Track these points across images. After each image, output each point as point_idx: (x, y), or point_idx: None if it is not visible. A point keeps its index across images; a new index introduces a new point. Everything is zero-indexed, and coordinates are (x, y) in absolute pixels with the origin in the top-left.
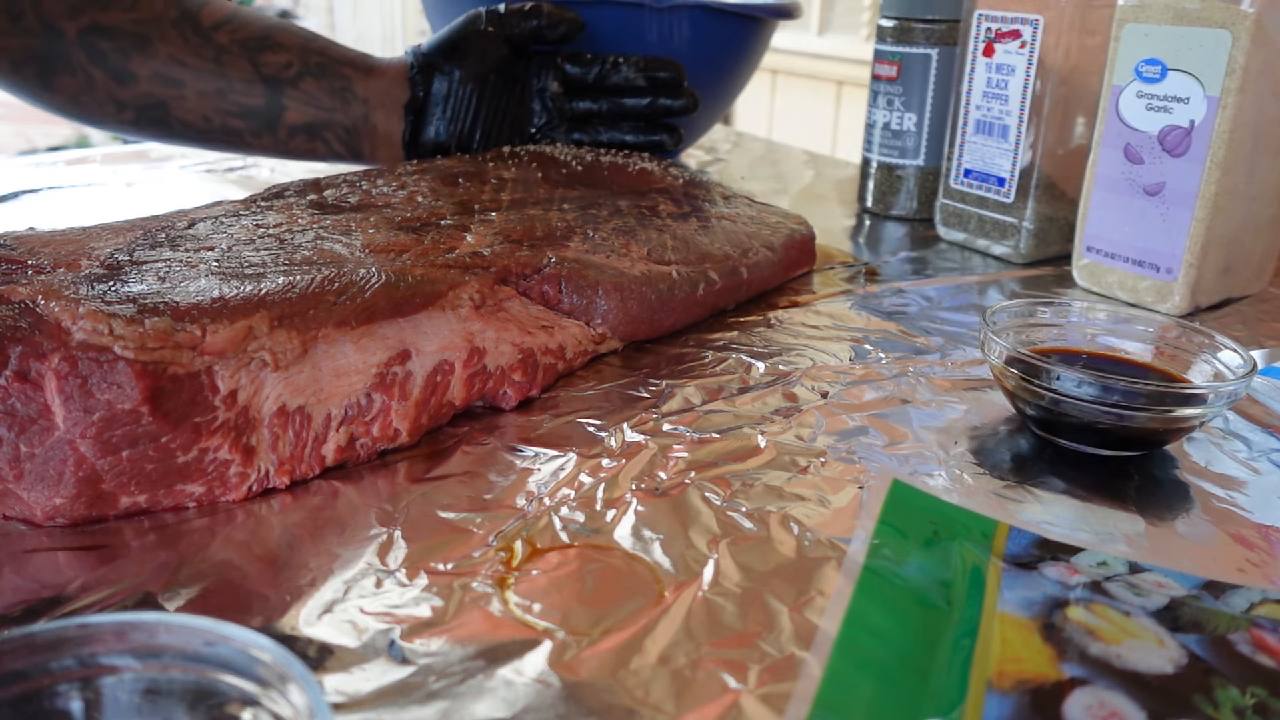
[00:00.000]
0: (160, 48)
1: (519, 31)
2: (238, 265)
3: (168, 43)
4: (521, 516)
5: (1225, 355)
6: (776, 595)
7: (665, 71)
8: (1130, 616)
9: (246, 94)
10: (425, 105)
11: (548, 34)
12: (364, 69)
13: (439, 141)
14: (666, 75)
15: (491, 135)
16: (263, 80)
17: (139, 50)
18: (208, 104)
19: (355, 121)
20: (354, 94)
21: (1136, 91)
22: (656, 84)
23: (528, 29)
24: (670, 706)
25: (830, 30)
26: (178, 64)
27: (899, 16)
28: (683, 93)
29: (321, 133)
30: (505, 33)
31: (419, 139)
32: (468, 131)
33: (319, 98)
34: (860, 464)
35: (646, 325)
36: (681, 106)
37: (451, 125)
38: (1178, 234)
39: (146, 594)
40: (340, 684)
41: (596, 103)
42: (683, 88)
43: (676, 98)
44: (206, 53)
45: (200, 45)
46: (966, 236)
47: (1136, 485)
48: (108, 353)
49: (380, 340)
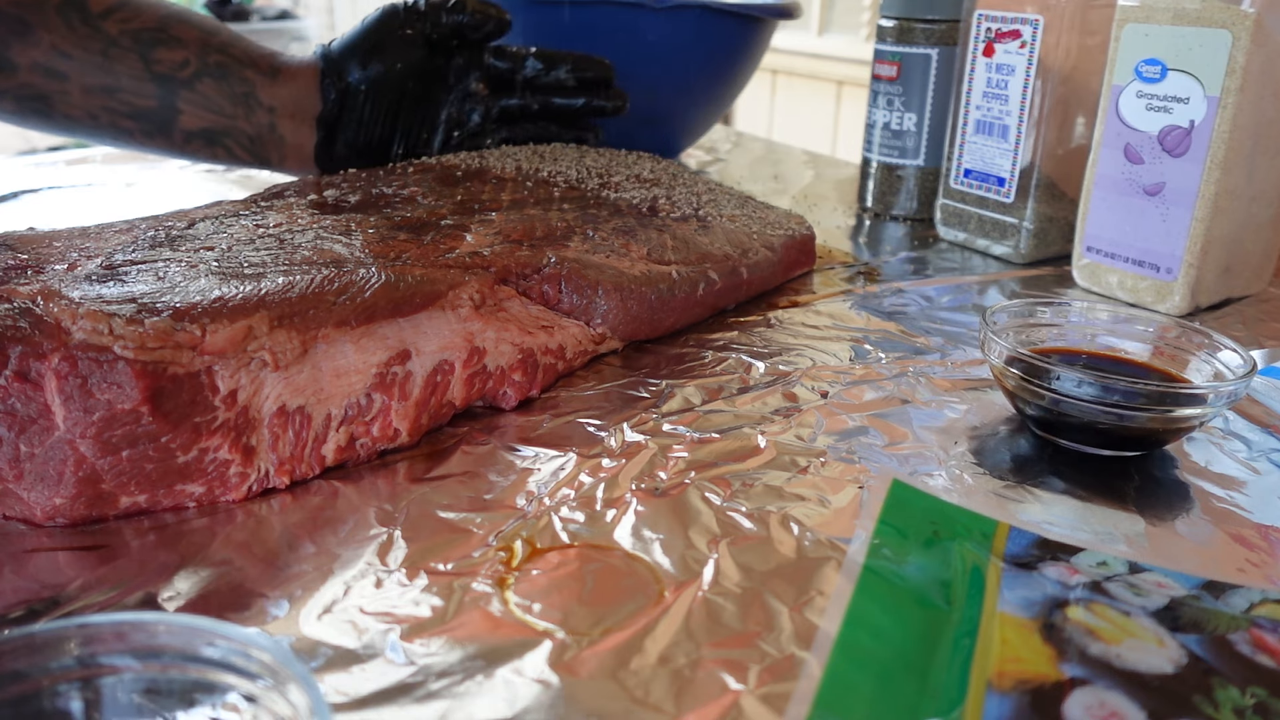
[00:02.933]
0: (42, 35)
1: (440, 29)
2: (238, 265)
3: (50, 30)
4: (521, 516)
5: (1225, 355)
6: (776, 595)
7: (595, 71)
8: (1130, 616)
9: (137, 94)
10: (338, 115)
11: (471, 32)
12: (269, 72)
13: (353, 152)
14: (596, 75)
15: (411, 143)
16: (154, 79)
17: (18, 36)
18: (94, 101)
19: (260, 130)
20: (258, 101)
21: (1136, 91)
22: (587, 84)
23: (449, 26)
24: (670, 706)
25: (830, 30)
26: (61, 55)
27: (899, 16)
28: (614, 93)
29: (222, 140)
30: (425, 30)
31: (331, 150)
32: (385, 140)
33: (218, 103)
34: (860, 464)
35: (646, 325)
36: (614, 108)
37: (366, 134)
38: (1178, 234)
39: (146, 594)
40: (340, 684)
41: (525, 101)
42: (613, 87)
43: (608, 99)
44: (94, 44)
45: (87, 35)
46: (966, 236)
47: (1136, 485)
48: (107, 353)
49: (380, 340)
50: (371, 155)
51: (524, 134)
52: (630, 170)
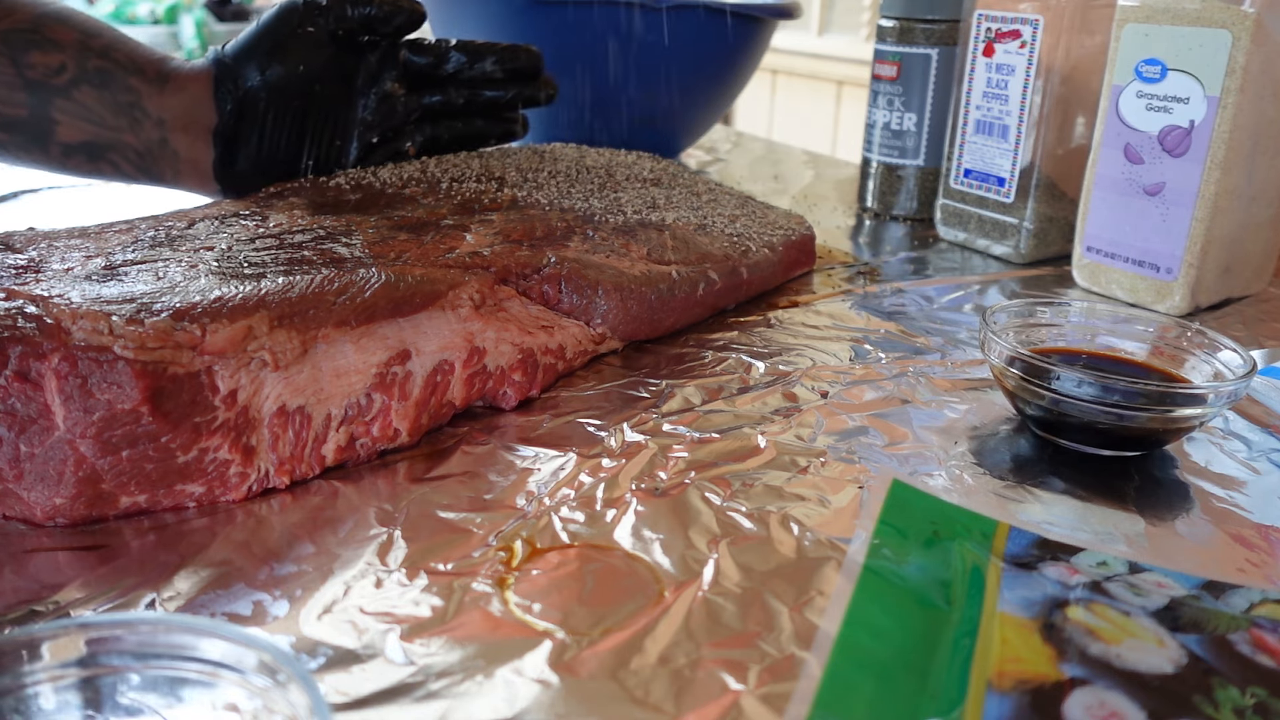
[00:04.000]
0: None
1: (346, 24)
2: (238, 265)
3: None
4: (521, 516)
5: (1225, 355)
6: (776, 595)
7: (523, 60)
8: (1130, 616)
9: (7, 102)
10: (236, 126)
11: (381, 26)
12: (156, 79)
13: (257, 166)
14: (525, 64)
15: (323, 153)
16: (26, 86)
17: None
18: None
19: (149, 145)
20: (144, 112)
21: (1136, 91)
22: (515, 74)
23: (357, 20)
24: (670, 706)
25: (830, 30)
26: None
27: (899, 16)
28: (544, 81)
29: (106, 154)
30: (329, 27)
31: (232, 165)
32: (292, 151)
33: (99, 113)
34: (860, 464)
35: (646, 325)
36: (545, 97)
37: (270, 145)
38: (1178, 234)
39: (146, 594)
40: (340, 684)
41: (449, 96)
42: (541, 76)
43: (538, 88)
44: None
45: None
46: (967, 236)
47: (1136, 485)
48: (107, 352)
49: (380, 340)
50: (278, 169)
51: (449, 132)
52: (630, 170)
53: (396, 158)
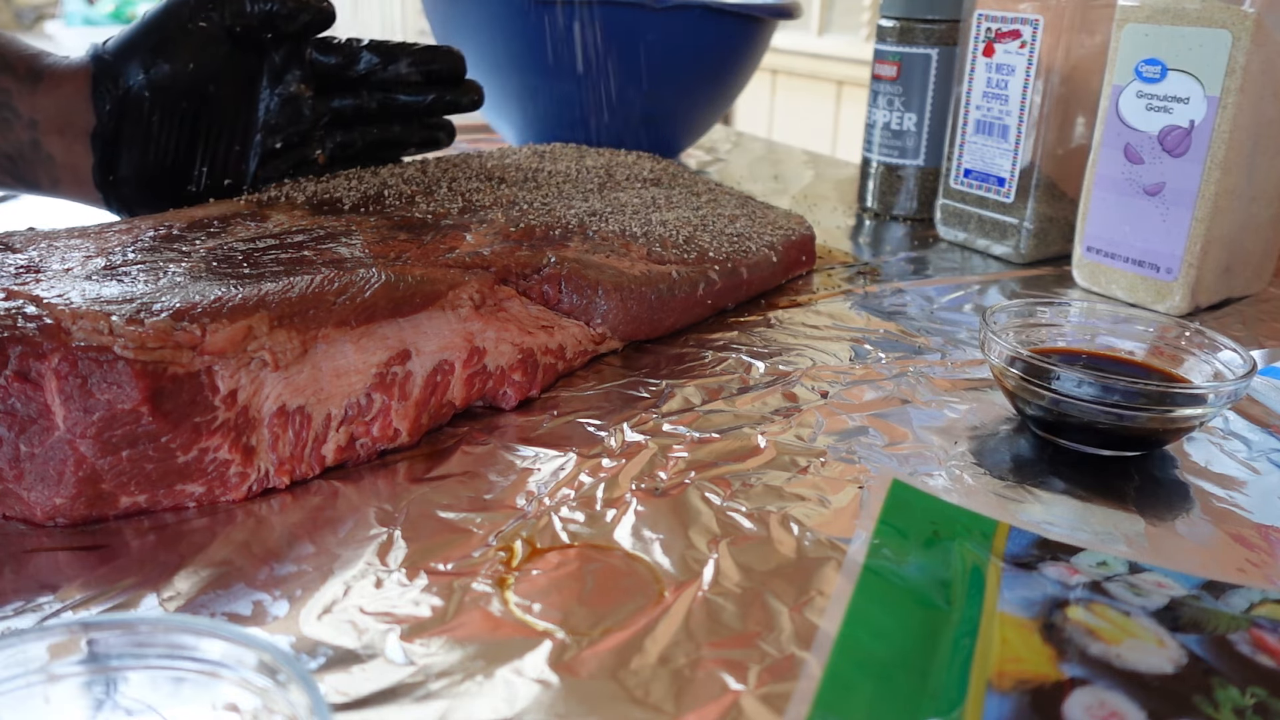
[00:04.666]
0: None
1: (244, 19)
2: (238, 265)
3: None
4: (521, 516)
5: (1225, 355)
6: (776, 595)
7: (443, 63)
8: (1130, 616)
9: None
10: (117, 129)
11: (285, 23)
12: (28, 77)
13: (141, 174)
14: (445, 67)
15: (220, 160)
16: None
17: None
18: None
19: (19, 149)
20: (14, 111)
21: (1136, 91)
22: (434, 78)
23: (257, 16)
24: (670, 706)
25: (830, 30)
26: None
27: (899, 16)
28: (467, 86)
29: None
30: (224, 22)
31: (114, 171)
32: (183, 158)
33: None
34: (860, 464)
35: (646, 325)
36: (469, 102)
37: (157, 151)
38: (1178, 234)
39: (146, 594)
40: (340, 684)
41: (362, 100)
42: (464, 80)
43: (461, 93)
44: None
45: None
46: (967, 236)
47: (1136, 485)
48: (107, 352)
49: (380, 340)
50: (167, 177)
51: (363, 139)
52: (630, 170)
53: (304, 167)
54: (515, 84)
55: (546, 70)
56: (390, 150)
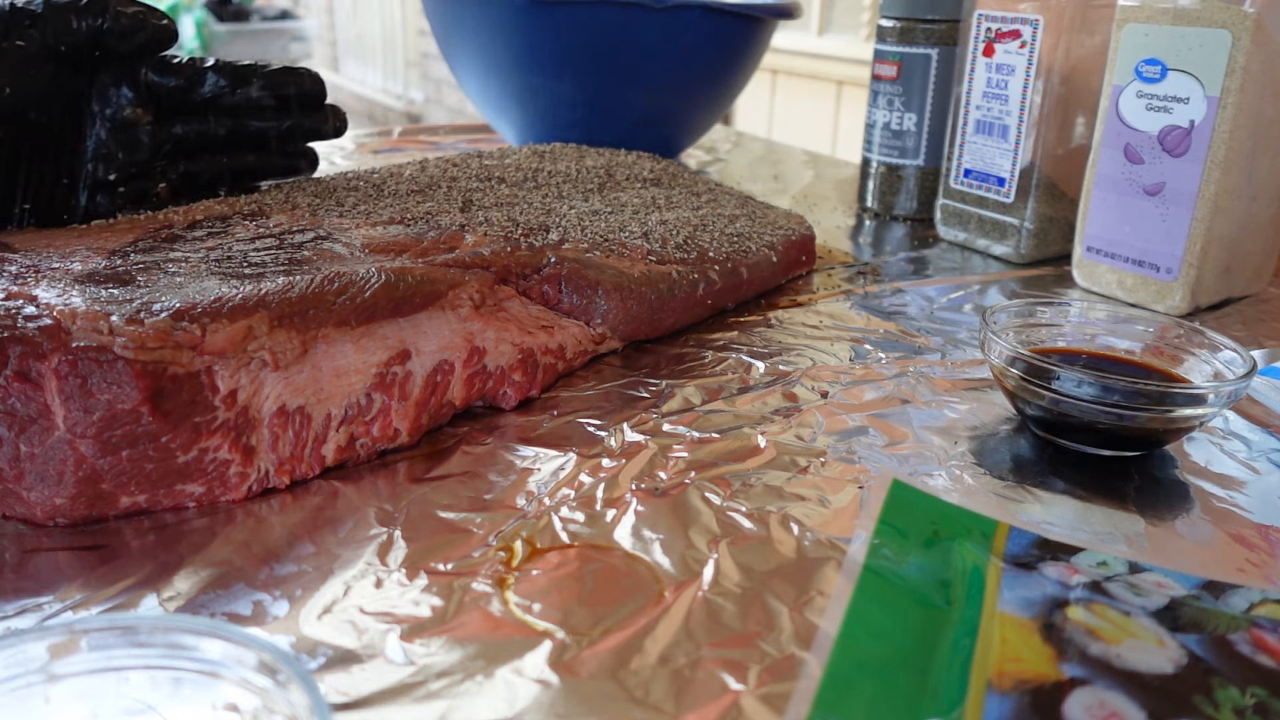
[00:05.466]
0: None
1: (69, 38)
2: (238, 265)
3: None
4: (521, 516)
5: (1225, 355)
6: (776, 595)
7: (299, 85)
8: (1130, 616)
9: None
10: None
11: (118, 42)
12: None
13: None
14: (301, 90)
15: (44, 193)
16: None
17: None
18: None
19: None
20: None
21: (1136, 91)
22: (290, 102)
23: (84, 35)
24: (670, 706)
25: (830, 30)
26: None
27: (899, 16)
28: (330, 110)
29: None
30: (46, 40)
31: None
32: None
33: None
34: (860, 464)
35: (646, 325)
36: (331, 129)
37: None
38: (1178, 234)
39: (146, 594)
40: (340, 684)
41: (207, 125)
42: (324, 104)
43: (323, 119)
44: None
45: None
46: (966, 236)
47: (1136, 485)
48: (107, 352)
49: (380, 340)
50: None
51: (211, 168)
52: (630, 170)
53: (144, 200)
54: (515, 84)
55: (546, 70)
56: (243, 181)
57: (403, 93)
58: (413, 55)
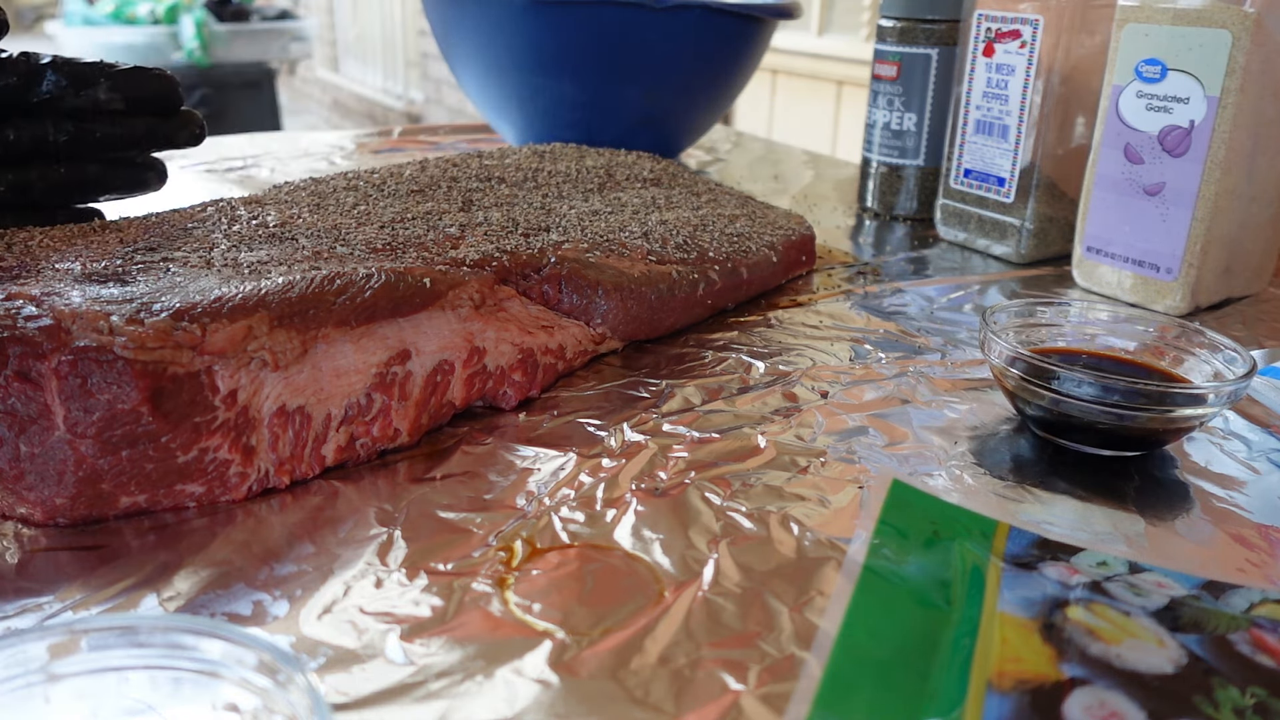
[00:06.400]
0: None
1: None
2: (238, 265)
3: None
4: (521, 516)
5: (1225, 355)
6: (776, 595)
7: (152, 87)
8: (1130, 616)
9: None
10: None
11: None
12: None
13: None
14: (155, 92)
15: None
16: None
17: None
18: None
19: None
20: None
21: (1136, 91)
22: (140, 105)
23: None
24: (670, 706)
25: (830, 30)
26: None
27: (899, 16)
28: (185, 116)
29: None
30: None
31: None
32: None
33: None
34: (860, 464)
35: (646, 325)
36: (188, 136)
37: None
38: (1178, 234)
39: (146, 594)
40: (340, 684)
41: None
42: (181, 109)
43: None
44: None
45: None
46: (967, 236)
47: (1136, 485)
48: (107, 352)
49: (380, 340)
50: None
51: (45, 180)
52: (630, 170)
53: None
54: (515, 84)
55: (546, 70)
56: (85, 194)
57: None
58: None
